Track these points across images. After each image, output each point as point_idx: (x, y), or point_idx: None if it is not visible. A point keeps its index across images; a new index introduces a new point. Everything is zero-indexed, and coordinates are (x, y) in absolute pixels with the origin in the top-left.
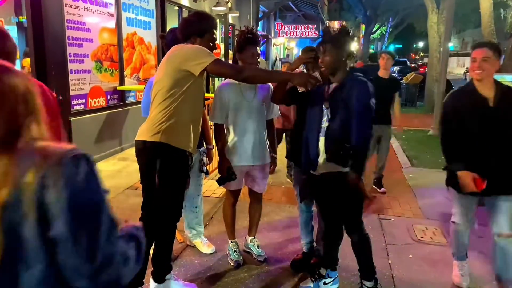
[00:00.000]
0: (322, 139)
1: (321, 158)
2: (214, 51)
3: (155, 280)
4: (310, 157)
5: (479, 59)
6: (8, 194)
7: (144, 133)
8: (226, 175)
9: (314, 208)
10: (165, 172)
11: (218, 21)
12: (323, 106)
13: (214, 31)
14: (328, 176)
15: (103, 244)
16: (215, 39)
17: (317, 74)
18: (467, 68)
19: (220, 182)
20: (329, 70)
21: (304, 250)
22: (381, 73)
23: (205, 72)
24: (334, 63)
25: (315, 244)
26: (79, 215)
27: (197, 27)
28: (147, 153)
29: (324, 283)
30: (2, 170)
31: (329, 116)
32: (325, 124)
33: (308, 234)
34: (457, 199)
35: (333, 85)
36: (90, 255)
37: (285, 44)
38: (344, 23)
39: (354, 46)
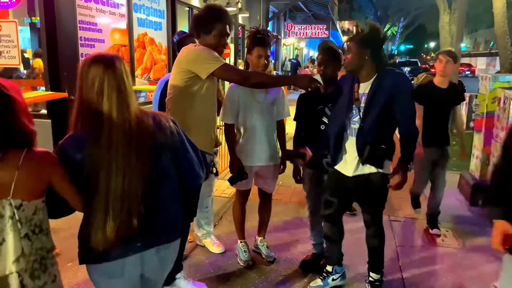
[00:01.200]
0: (352, 140)
1: (354, 160)
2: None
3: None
4: (334, 156)
5: None
6: (152, 143)
7: None
8: (238, 174)
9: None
10: None
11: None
12: (353, 106)
13: (223, 26)
14: (360, 178)
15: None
16: (224, 35)
17: (318, 76)
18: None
19: (232, 181)
20: (350, 68)
21: (314, 251)
22: (438, 80)
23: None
24: (355, 61)
25: (324, 245)
26: (190, 148)
27: (204, 23)
28: None
29: (333, 279)
30: (146, 129)
31: (361, 117)
32: (356, 125)
33: (318, 235)
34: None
35: (362, 84)
36: (200, 164)
37: (295, 45)
38: (355, 23)
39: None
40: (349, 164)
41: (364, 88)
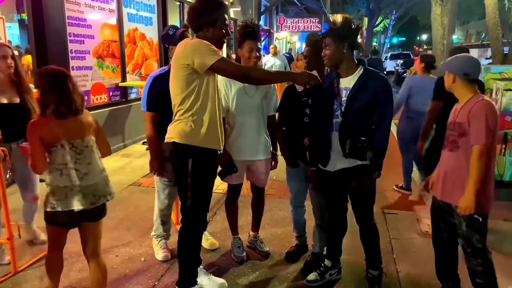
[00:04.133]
0: (335, 135)
1: (337, 154)
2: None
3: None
4: (323, 153)
5: None
6: None
7: (172, 134)
8: (227, 167)
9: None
10: (197, 172)
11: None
12: (335, 101)
13: (226, 16)
14: (345, 172)
15: None
16: (227, 25)
17: (315, 72)
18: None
19: (222, 175)
20: (330, 64)
21: (297, 243)
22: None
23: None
24: (335, 56)
25: (307, 237)
26: None
27: (208, 16)
28: (179, 155)
29: (330, 274)
30: None
31: (343, 111)
32: (339, 119)
33: (302, 229)
34: None
35: (342, 80)
36: None
37: (287, 38)
38: (340, 17)
39: (358, 39)
40: (332, 159)
41: (346, 82)
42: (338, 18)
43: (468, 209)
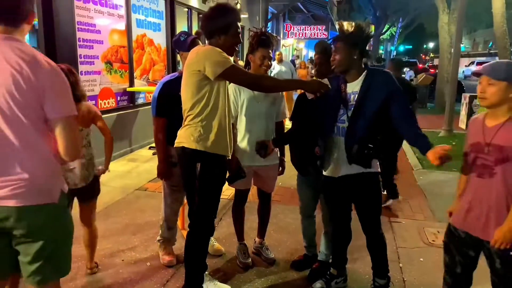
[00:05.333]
0: (340, 140)
1: (341, 160)
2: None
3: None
4: (325, 158)
5: None
6: None
7: (181, 139)
8: (236, 172)
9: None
10: (205, 177)
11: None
12: (340, 106)
13: (238, 24)
14: (349, 178)
15: None
16: (239, 33)
17: (326, 80)
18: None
19: (230, 180)
20: (340, 69)
21: (305, 253)
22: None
23: None
24: (345, 62)
25: (316, 246)
26: None
27: (220, 23)
28: (187, 159)
29: (336, 282)
30: None
31: (349, 116)
32: (345, 124)
33: (310, 239)
34: None
35: (349, 84)
36: None
37: (294, 45)
38: (353, 23)
39: (369, 45)
40: (336, 165)
41: (352, 87)
42: (345, 24)
43: (504, 242)
